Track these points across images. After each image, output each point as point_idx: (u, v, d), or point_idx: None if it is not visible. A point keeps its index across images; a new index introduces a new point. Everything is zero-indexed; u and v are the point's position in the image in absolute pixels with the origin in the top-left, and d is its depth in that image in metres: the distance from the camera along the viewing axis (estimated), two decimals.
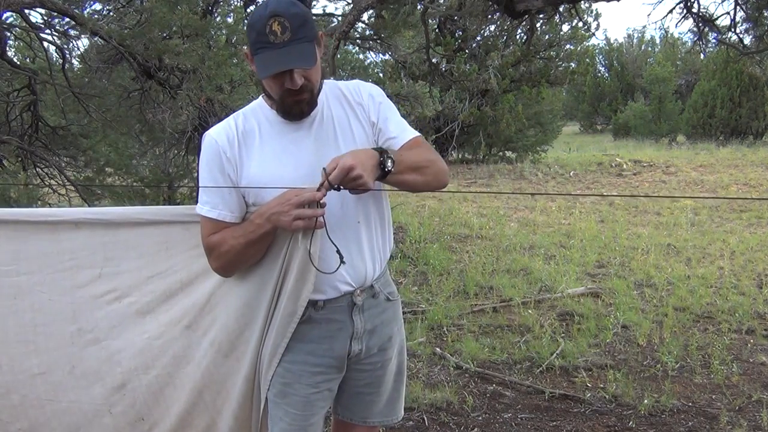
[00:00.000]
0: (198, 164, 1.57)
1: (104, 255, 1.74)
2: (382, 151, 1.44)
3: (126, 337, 1.74)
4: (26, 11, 4.11)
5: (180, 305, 1.69)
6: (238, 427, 1.70)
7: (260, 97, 1.59)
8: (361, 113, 1.58)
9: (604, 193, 9.86)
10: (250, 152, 1.52)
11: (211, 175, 1.52)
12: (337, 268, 1.49)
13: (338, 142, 1.54)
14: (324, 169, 1.39)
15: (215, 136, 1.53)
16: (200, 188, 1.54)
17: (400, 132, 1.58)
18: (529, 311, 4.44)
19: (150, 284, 1.71)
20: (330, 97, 1.58)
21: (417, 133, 1.60)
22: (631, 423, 2.91)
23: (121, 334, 1.74)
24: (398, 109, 1.69)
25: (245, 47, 1.49)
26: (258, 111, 1.56)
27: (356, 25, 5.83)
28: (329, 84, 1.61)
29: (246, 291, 1.58)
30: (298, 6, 1.42)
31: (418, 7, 5.21)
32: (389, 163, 1.43)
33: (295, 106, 1.48)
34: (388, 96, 1.66)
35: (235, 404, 1.67)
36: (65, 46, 4.67)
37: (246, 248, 1.49)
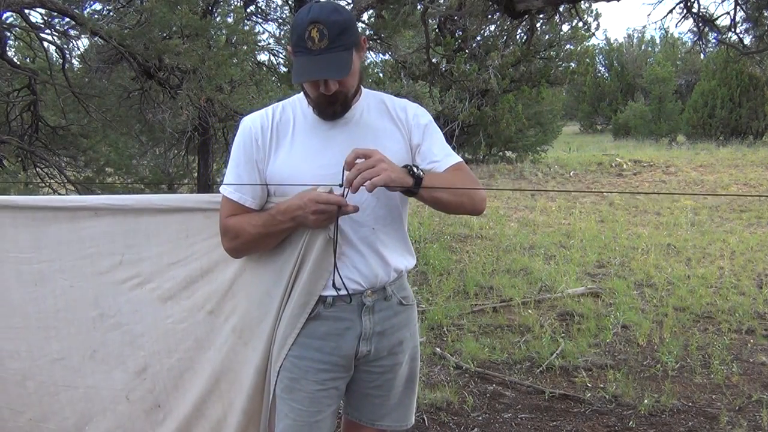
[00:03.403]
0: (229, 149, 1.62)
1: (125, 242, 1.75)
2: (407, 165, 1.46)
3: (149, 322, 1.76)
4: (26, 11, 4.11)
5: (202, 291, 1.71)
6: (247, 421, 1.70)
7: (302, 91, 1.61)
8: (403, 130, 1.59)
9: (604, 192, 9.86)
10: (281, 143, 1.54)
11: (239, 160, 1.55)
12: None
13: (369, 148, 1.54)
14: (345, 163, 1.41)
15: (251, 122, 1.57)
16: (229, 169, 1.57)
17: (444, 156, 1.59)
18: (529, 311, 4.44)
19: (171, 271, 1.73)
20: (372, 105, 1.60)
21: (460, 159, 1.61)
22: (631, 423, 2.91)
23: (144, 318, 1.76)
24: None
25: (289, 47, 1.51)
26: (297, 104, 1.59)
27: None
28: (374, 94, 1.63)
29: (266, 279, 1.60)
30: (341, 13, 1.43)
31: (418, 7, 5.21)
32: (417, 170, 1.44)
33: (329, 107, 1.51)
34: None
35: (245, 397, 1.68)
36: (65, 46, 4.67)
37: (264, 238, 1.53)
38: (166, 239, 1.72)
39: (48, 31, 4.53)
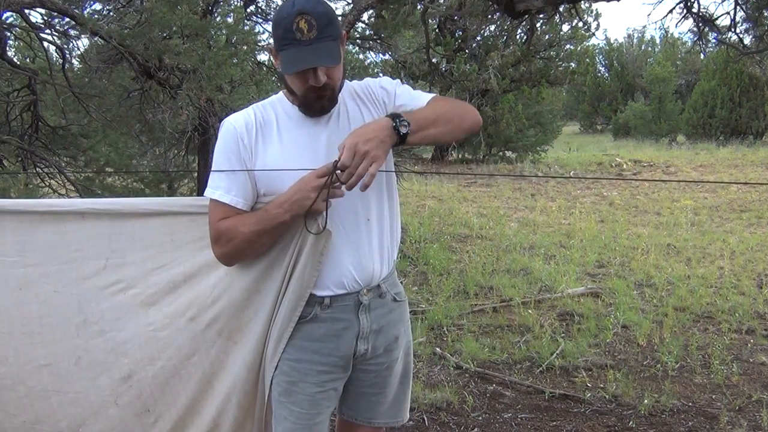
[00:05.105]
0: (213, 150, 1.59)
1: (110, 246, 1.73)
2: (393, 116, 1.44)
3: (131, 329, 1.74)
4: (26, 11, 4.11)
5: (184, 297, 1.69)
6: (243, 416, 1.70)
7: (280, 92, 1.60)
8: (377, 107, 1.59)
9: (604, 192, 9.87)
10: (267, 142, 1.53)
11: (228, 161, 1.52)
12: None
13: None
14: (336, 161, 1.40)
15: (234, 122, 1.54)
16: (213, 173, 1.54)
17: (416, 100, 1.58)
18: (529, 311, 4.44)
19: (154, 276, 1.71)
20: (345, 96, 1.60)
21: (433, 95, 1.60)
22: (631, 423, 2.91)
23: (126, 325, 1.74)
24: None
25: (270, 43, 1.49)
26: (277, 104, 1.58)
27: (356, 25, 5.83)
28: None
29: (253, 278, 1.58)
30: (324, 5, 1.43)
31: (418, 7, 5.20)
32: (403, 128, 1.43)
33: (317, 102, 1.50)
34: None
35: (240, 392, 1.67)
36: (65, 46, 4.67)
37: (258, 236, 1.49)
38: (152, 243, 1.70)
39: (48, 31, 4.53)
